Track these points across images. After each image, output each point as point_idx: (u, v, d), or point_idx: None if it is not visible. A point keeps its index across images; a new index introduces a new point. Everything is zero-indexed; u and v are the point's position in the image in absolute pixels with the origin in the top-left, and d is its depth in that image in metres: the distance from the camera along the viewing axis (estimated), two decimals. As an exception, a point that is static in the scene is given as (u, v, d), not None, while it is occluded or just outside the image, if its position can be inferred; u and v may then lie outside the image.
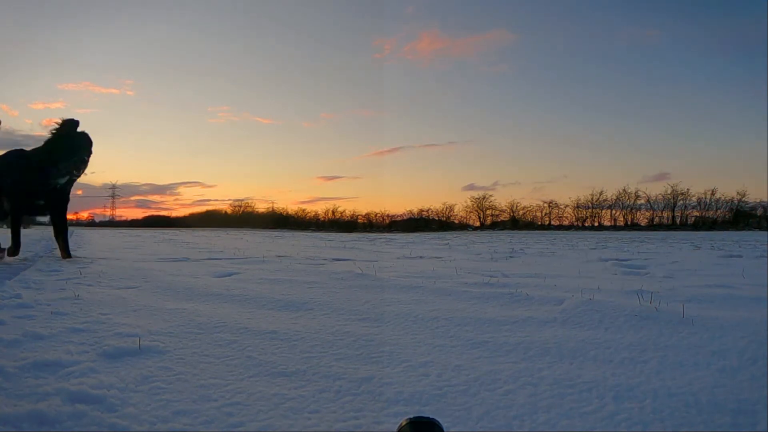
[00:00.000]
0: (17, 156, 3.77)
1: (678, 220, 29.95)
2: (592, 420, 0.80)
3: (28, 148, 3.81)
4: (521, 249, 6.59)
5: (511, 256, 4.52)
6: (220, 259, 4.33)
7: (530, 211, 32.73)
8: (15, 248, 3.86)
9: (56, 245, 4.22)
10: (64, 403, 0.84)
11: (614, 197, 30.99)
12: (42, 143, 3.71)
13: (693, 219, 29.73)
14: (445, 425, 0.68)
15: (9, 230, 3.89)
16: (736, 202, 28.62)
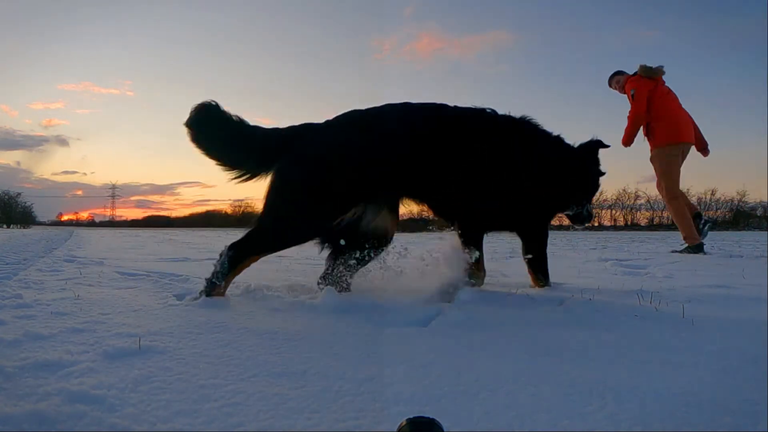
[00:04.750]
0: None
1: (678, 220, 29.97)
2: (593, 420, 0.80)
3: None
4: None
5: (511, 256, 4.50)
6: (220, 259, 4.32)
7: (530, 211, 32.72)
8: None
9: (57, 246, 4.08)
10: (64, 403, 0.84)
11: (614, 197, 30.93)
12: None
13: (693, 219, 29.77)
14: (445, 425, 0.68)
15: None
16: (736, 202, 28.60)
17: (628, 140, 4.29)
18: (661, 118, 4.17)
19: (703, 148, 4.55)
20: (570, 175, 2.11)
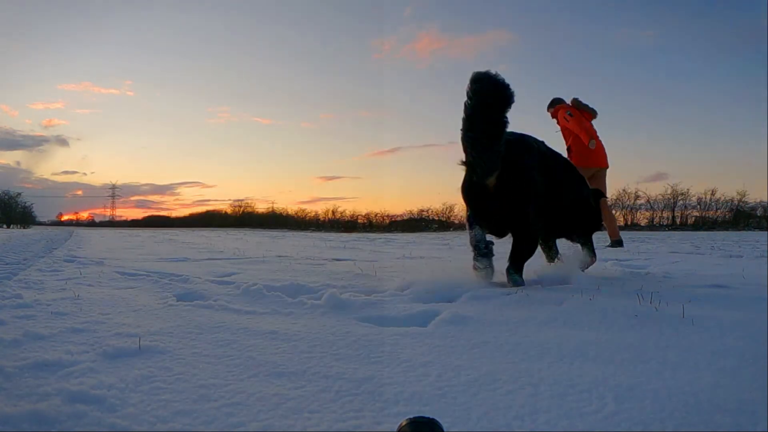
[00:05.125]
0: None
1: (678, 220, 29.86)
2: (592, 420, 0.80)
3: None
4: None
5: (511, 256, 4.51)
6: (220, 259, 4.33)
7: (530, 211, 32.47)
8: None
9: (57, 246, 4.08)
10: (64, 403, 0.84)
11: (614, 197, 30.86)
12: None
13: (693, 219, 29.62)
14: (445, 425, 0.68)
15: None
16: (736, 202, 28.52)
17: (587, 140, 5.09)
18: (577, 145, 5.07)
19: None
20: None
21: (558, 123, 5.11)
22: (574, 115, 4.95)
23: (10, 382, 0.96)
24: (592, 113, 5.11)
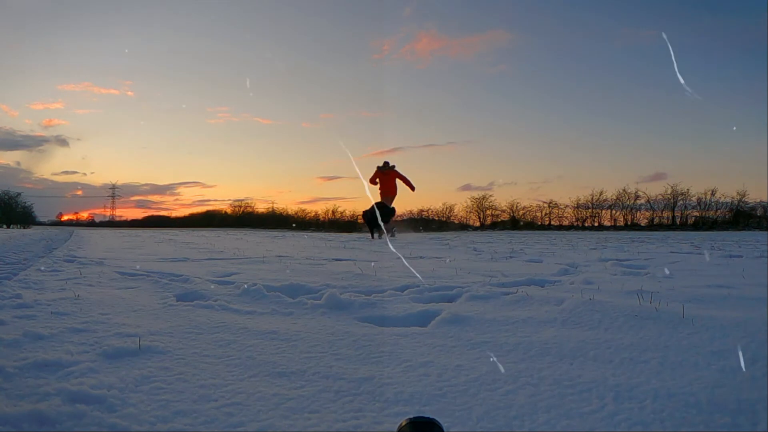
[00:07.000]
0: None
1: (678, 220, 29.82)
2: (592, 420, 0.80)
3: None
4: (521, 249, 6.58)
5: (511, 256, 4.51)
6: (220, 259, 4.33)
7: (530, 211, 32.38)
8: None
9: (57, 246, 4.09)
10: (64, 403, 0.84)
11: (614, 197, 30.79)
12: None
13: (693, 219, 29.57)
14: (445, 425, 0.68)
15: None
16: (736, 202, 28.47)
17: (370, 185, 9.84)
18: (381, 188, 9.71)
19: (412, 188, 9.90)
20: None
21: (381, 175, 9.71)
22: (376, 172, 9.58)
23: (10, 382, 0.96)
24: (392, 168, 9.54)
